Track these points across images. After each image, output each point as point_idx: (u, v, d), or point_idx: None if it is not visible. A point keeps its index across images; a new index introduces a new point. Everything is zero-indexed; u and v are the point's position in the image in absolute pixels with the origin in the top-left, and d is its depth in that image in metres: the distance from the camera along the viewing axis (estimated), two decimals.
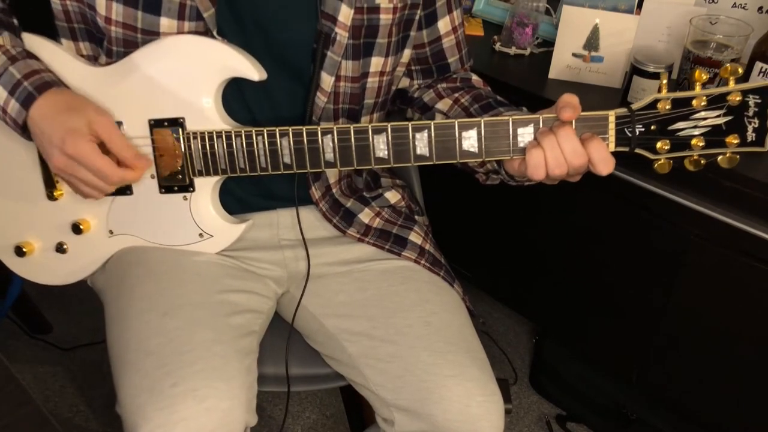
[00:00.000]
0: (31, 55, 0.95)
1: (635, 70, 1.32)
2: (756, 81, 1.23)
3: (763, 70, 1.22)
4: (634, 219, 1.36)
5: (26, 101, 0.89)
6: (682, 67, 1.30)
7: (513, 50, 1.55)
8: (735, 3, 1.39)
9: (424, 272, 1.07)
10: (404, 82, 1.14)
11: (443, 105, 1.08)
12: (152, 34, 0.93)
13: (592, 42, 1.41)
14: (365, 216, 1.10)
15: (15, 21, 0.98)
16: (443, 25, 1.09)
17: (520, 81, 1.44)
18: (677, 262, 1.32)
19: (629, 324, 1.46)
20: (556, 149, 0.84)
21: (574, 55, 1.43)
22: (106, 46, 0.96)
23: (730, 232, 1.20)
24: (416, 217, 1.17)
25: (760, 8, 1.37)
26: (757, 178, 1.16)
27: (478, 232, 1.74)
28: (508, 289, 1.73)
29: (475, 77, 1.13)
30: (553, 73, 1.46)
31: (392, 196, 1.15)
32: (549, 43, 1.54)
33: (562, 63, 1.45)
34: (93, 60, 1.00)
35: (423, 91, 1.12)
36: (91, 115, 0.89)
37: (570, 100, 0.84)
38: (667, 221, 1.30)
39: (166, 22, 0.92)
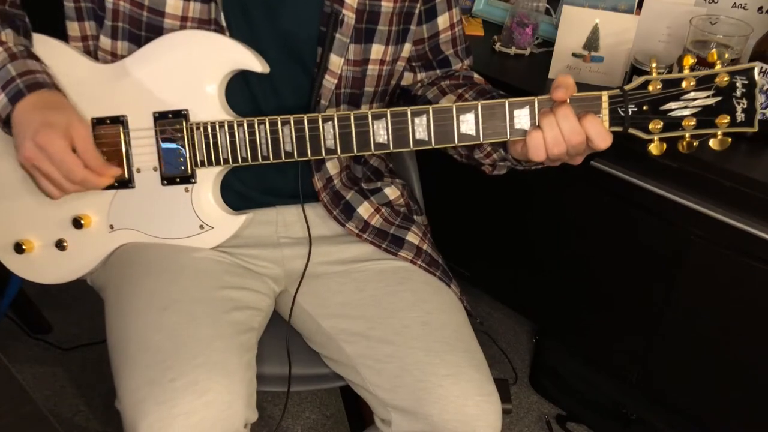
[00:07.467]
0: (32, 56, 0.96)
1: (635, 70, 1.32)
2: (756, 80, 1.23)
3: (763, 70, 1.22)
4: (635, 219, 1.36)
5: (15, 97, 0.91)
6: None
7: (513, 50, 1.55)
8: (735, 3, 1.39)
9: (421, 273, 1.07)
10: (408, 79, 1.14)
11: (447, 101, 1.08)
12: (157, 14, 0.95)
13: (592, 42, 1.41)
14: (364, 211, 1.10)
15: (26, 20, 1.00)
16: (442, 21, 1.10)
17: (520, 81, 1.44)
18: (677, 262, 1.32)
19: (629, 324, 1.46)
20: (555, 128, 0.87)
21: (574, 55, 1.43)
22: (108, 25, 0.97)
23: (730, 232, 1.20)
24: (415, 216, 1.17)
25: (760, 8, 1.37)
26: (757, 178, 1.16)
27: (478, 232, 1.74)
28: (509, 289, 1.73)
29: (476, 76, 1.14)
30: (553, 73, 1.46)
31: (391, 192, 1.15)
32: (549, 43, 1.54)
33: (562, 63, 1.45)
34: (95, 39, 1.01)
35: (427, 89, 1.13)
36: (72, 118, 0.91)
37: (563, 80, 0.86)
38: (667, 221, 1.30)
39: (172, 2, 0.95)
